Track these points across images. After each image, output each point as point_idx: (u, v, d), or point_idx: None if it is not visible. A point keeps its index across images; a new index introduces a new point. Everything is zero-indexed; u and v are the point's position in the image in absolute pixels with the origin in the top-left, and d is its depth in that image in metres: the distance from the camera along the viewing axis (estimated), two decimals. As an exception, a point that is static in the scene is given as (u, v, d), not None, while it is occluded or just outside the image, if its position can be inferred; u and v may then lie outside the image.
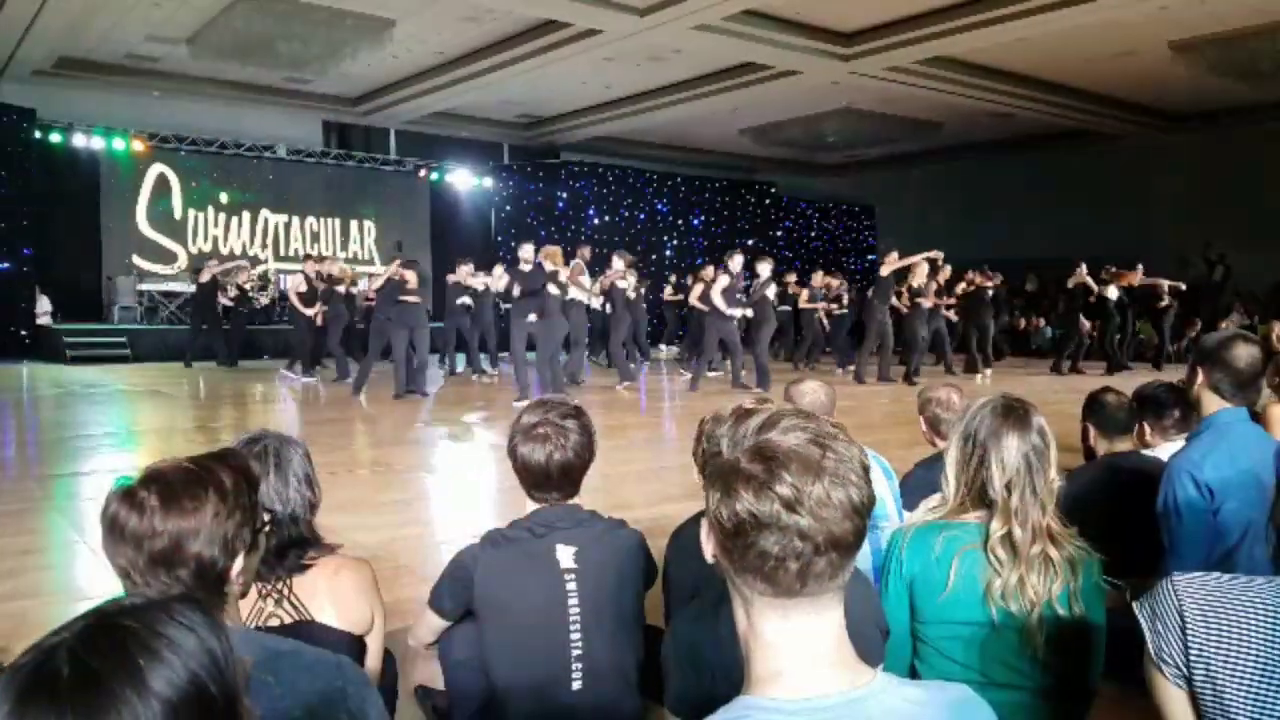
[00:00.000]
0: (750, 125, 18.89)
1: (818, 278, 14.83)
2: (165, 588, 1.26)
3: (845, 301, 14.30)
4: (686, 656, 1.70)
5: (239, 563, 1.35)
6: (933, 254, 12.38)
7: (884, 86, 15.35)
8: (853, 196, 24.82)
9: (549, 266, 9.41)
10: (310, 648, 1.42)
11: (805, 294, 14.43)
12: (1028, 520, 1.88)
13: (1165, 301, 14.33)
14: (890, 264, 11.93)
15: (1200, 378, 2.62)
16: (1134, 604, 1.44)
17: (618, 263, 12.40)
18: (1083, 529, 1.98)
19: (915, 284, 12.16)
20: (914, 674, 1.99)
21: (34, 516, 4.84)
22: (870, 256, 23.06)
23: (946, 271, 13.23)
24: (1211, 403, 2.61)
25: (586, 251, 12.64)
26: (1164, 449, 3.23)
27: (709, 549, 1.03)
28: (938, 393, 3.39)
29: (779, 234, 23.24)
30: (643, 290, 13.89)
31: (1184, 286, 14.68)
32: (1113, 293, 13.23)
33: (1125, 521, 2.67)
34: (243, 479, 1.37)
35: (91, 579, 3.75)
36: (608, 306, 11.97)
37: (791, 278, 15.89)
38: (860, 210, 24.94)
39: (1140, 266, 13.84)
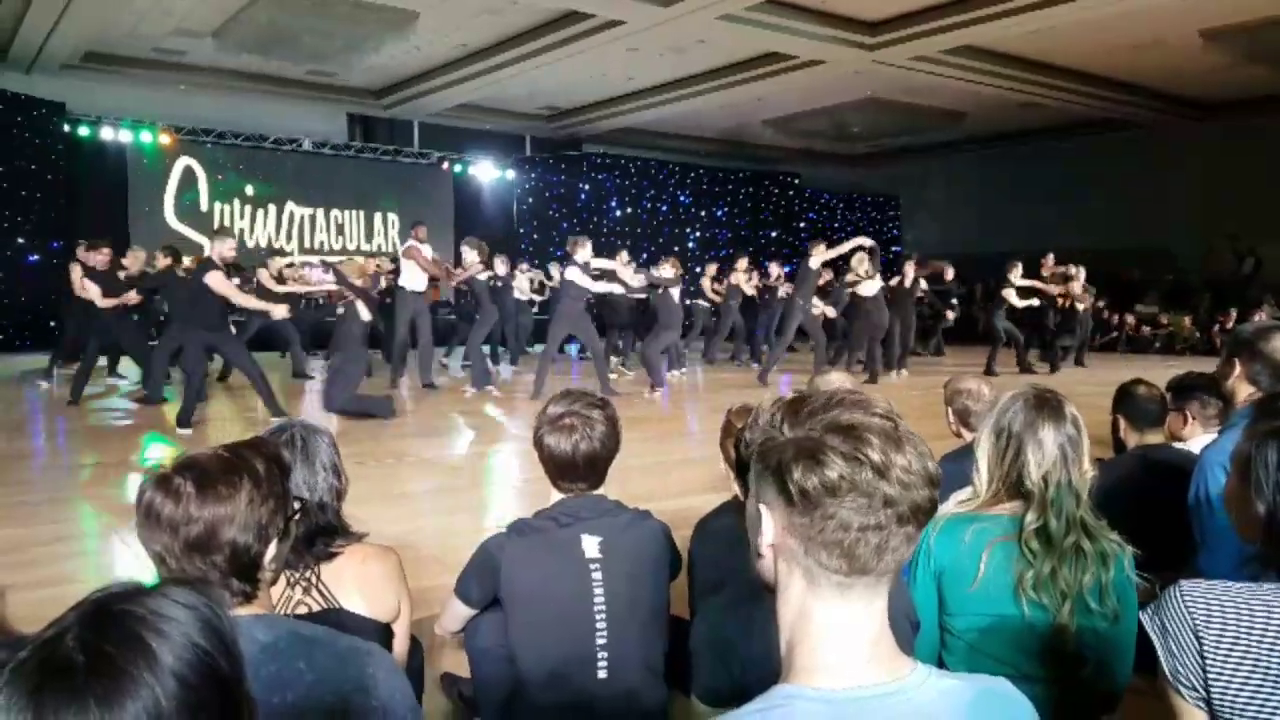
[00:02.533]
0: (774, 116, 18.77)
1: (740, 266, 13.46)
2: (201, 573, 1.28)
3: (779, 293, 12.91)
4: (716, 647, 1.70)
5: (272, 549, 1.36)
6: (864, 240, 11.20)
7: (909, 76, 15.21)
8: (877, 187, 24.64)
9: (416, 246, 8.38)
10: (342, 635, 1.43)
11: (723, 286, 13.45)
12: (1063, 511, 1.87)
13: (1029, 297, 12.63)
14: (819, 255, 10.81)
15: (1236, 369, 2.58)
16: (1141, 613, 1.41)
17: (469, 254, 10.23)
18: (1113, 522, 1.97)
19: (862, 271, 11.05)
20: (941, 666, 1.97)
21: (65, 505, 4.91)
22: (895, 248, 22.88)
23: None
24: (1247, 394, 2.57)
25: (422, 231, 10.32)
26: (1196, 441, 3.18)
27: (768, 533, 1.02)
28: (967, 384, 3.33)
29: (802, 225, 23.11)
30: (520, 283, 12.84)
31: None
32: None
33: (1156, 515, 2.62)
34: (275, 466, 1.38)
35: (122, 566, 3.79)
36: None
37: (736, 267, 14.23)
38: (885, 201, 24.76)
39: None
